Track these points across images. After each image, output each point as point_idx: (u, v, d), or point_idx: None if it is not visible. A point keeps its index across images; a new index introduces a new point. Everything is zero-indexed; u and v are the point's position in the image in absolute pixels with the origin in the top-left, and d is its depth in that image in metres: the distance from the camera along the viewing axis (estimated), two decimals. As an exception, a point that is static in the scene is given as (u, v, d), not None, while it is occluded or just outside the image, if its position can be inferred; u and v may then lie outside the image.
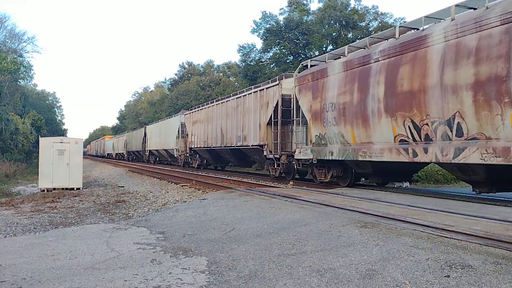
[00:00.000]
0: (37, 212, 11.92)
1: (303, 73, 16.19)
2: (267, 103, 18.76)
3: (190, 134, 31.15)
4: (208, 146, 26.87)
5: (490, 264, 4.65)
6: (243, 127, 21.33)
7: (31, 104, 60.36)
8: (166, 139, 37.14)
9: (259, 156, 20.42)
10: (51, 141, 19.71)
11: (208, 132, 26.91)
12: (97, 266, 5.45)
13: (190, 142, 30.84)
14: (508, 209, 8.82)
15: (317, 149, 14.70)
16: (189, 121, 31.70)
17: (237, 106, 22.47)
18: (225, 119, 24.17)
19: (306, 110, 15.38)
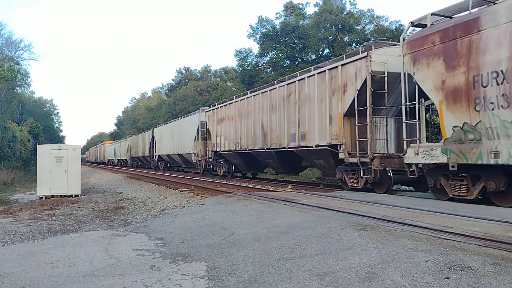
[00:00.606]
0: (36, 220, 11.87)
1: (422, 32, 11.34)
2: (343, 86, 13.87)
3: (214, 135, 25.94)
4: (241, 148, 22.00)
5: (489, 265, 4.65)
6: (300, 122, 16.47)
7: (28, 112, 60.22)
8: (180, 142, 32.73)
9: (325, 160, 15.52)
10: (48, 148, 19.67)
11: (242, 131, 21.90)
12: (96, 273, 5.43)
13: (214, 145, 25.76)
14: (507, 210, 8.83)
15: (459, 148, 10.00)
16: (212, 119, 26.45)
17: (288, 95, 17.44)
18: (268, 113, 19.13)
19: (432, 88, 10.64)
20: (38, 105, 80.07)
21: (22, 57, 55.57)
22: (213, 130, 26.24)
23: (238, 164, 24.23)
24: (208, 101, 50.44)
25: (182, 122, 33.74)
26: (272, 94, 18.99)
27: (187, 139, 30.95)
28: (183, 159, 33.00)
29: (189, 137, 30.46)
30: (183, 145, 31.87)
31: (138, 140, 50.26)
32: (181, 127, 33.24)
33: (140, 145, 48.93)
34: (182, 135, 32.42)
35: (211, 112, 26.90)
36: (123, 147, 60.63)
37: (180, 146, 32.77)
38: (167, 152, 36.68)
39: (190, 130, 30.60)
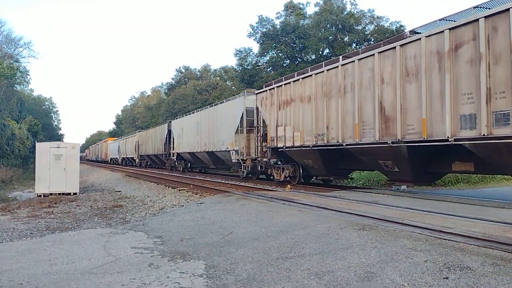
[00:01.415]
0: (34, 218, 11.85)
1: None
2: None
3: (272, 125, 18.28)
4: (327, 143, 14.63)
5: (488, 265, 4.65)
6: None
7: (27, 109, 60.20)
8: (212, 136, 25.99)
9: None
10: (47, 146, 19.64)
11: (330, 116, 14.54)
12: (94, 271, 5.41)
13: (273, 139, 18.04)
14: (505, 210, 8.83)
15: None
16: (269, 103, 18.70)
17: (455, 47, 10.00)
18: (397, 84, 11.61)
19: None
20: (37, 103, 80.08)
21: (22, 54, 55.64)
22: (270, 118, 18.51)
23: (312, 166, 16.40)
24: (207, 101, 50.45)
25: (215, 110, 26.31)
26: (407, 52, 11.38)
27: (223, 133, 24.12)
28: (213, 158, 26.51)
29: (226, 130, 23.60)
30: (217, 141, 25.07)
31: (150, 136, 43.18)
32: (214, 118, 26.19)
33: (152, 142, 41.92)
34: (214, 128, 25.74)
35: (267, 93, 19.04)
36: (129, 144, 53.96)
37: (211, 142, 26.03)
38: (191, 149, 29.74)
39: (228, 120, 23.47)
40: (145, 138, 45.26)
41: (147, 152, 44.13)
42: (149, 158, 44.52)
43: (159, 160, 40.81)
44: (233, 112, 23.10)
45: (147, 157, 45.05)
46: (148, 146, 43.66)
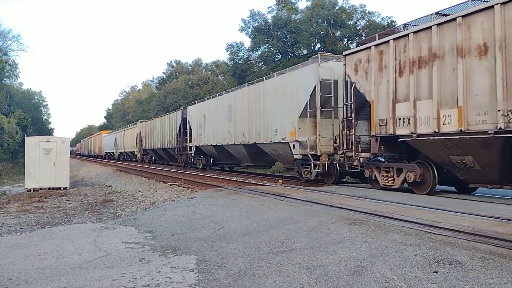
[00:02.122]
0: (23, 212, 11.76)
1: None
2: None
3: (384, 101, 12.08)
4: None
5: (477, 259, 4.70)
6: None
7: (16, 103, 59.58)
8: (256, 124, 19.10)
9: None
10: (37, 141, 19.46)
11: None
12: (84, 266, 5.39)
13: (384, 124, 12.05)
14: (494, 205, 8.93)
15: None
16: (374, 67, 12.48)
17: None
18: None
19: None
20: (26, 96, 79.24)
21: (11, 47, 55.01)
22: (378, 91, 12.33)
23: (470, 168, 10.13)
24: (199, 95, 50.26)
25: (262, 88, 19.00)
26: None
27: (275, 118, 17.32)
28: (253, 152, 20.37)
29: (282, 114, 16.89)
30: (264, 129, 18.30)
31: (156, 126, 36.78)
32: (258, 98, 19.03)
33: (159, 133, 35.44)
34: (259, 112, 18.80)
35: (370, 52, 12.63)
36: (128, 137, 47.36)
37: (253, 131, 19.21)
38: (218, 142, 23.21)
39: (287, 99, 16.67)
40: (150, 130, 38.99)
41: (152, 146, 38.12)
42: (155, 152, 38.73)
43: (168, 155, 35.23)
44: (297, 88, 16.01)
45: (152, 152, 39.46)
46: (153, 138, 37.44)
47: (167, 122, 33.74)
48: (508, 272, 4.31)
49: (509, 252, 4.91)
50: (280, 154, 17.80)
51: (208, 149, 25.66)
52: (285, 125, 16.64)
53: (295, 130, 15.84)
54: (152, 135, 38.15)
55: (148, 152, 40.71)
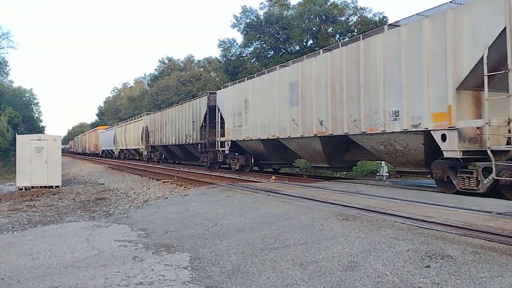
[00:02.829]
0: (15, 211, 11.69)
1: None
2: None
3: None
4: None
5: (469, 254, 4.74)
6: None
7: (7, 101, 59.08)
8: (349, 107, 13.05)
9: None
10: (28, 139, 19.33)
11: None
12: (77, 264, 5.36)
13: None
14: (485, 200, 9.00)
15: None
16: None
17: None
18: None
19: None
20: (17, 94, 78.57)
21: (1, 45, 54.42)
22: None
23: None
24: (191, 92, 50.14)
25: (367, 47, 12.42)
26: None
27: (406, 93, 10.97)
28: (332, 148, 15.07)
29: (416, 87, 10.70)
30: (371, 110, 12.20)
31: (170, 118, 30.82)
32: (353, 67, 12.95)
33: (174, 126, 29.62)
34: (355, 87, 12.83)
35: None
36: (131, 132, 41.62)
37: (348, 116, 13.09)
38: (269, 135, 17.59)
39: (430, 60, 10.30)
40: (160, 122, 33.01)
41: (163, 142, 32.04)
42: (166, 149, 32.80)
43: (185, 153, 29.67)
44: (460, 35, 9.58)
45: (163, 149, 33.44)
46: (165, 133, 31.50)
47: (185, 112, 27.51)
48: (499, 266, 4.35)
49: (500, 246, 4.95)
50: (396, 151, 11.83)
51: (251, 145, 19.61)
52: (420, 103, 10.53)
53: (449, 110, 9.80)
54: (163, 129, 32.12)
55: (157, 149, 34.89)
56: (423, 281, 4.14)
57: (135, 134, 40.41)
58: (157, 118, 34.71)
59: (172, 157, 34.01)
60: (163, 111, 34.04)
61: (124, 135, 44.83)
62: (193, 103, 26.50)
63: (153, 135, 35.26)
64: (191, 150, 27.80)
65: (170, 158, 34.44)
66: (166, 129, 31.59)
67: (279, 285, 4.32)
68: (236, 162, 20.99)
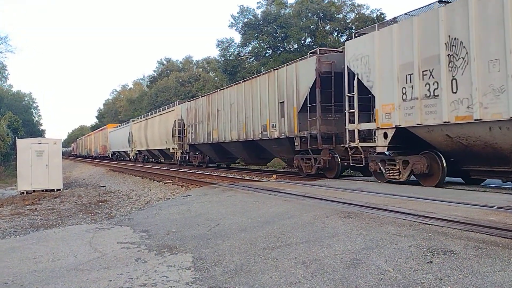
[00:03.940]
0: (17, 215, 11.70)
1: None
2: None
3: None
4: None
5: (471, 248, 4.75)
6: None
7: (6, 106, 59.17)
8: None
9: None
10: (29, 143, 19.34)
11: None
12: (80, 267, 5.37)
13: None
14: (486, 194, 9.01)
15: None
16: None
17: None
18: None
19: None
20: (16, 98, 78.67)
21: (-1, 49, 54.41)
22: None
23: None
24: (190, 92, 50.14)
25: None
26: None
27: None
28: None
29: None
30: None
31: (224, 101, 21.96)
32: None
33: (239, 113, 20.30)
34: None
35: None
36: (157, 128, 32.45)
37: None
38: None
39: None
40: (207, 111, 23.76)
41: (213, 139, 22.85)
42: (216, 149, 23.57)
43: (262, 153, 20.05)
44: None
45: (209, 148, 24.23)
46: (216, 125, 22.59)
47: (266, 87, 17.78)
48: (501, 260, 4.36)
49: (502, 241, 4.96)
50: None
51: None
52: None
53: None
54: (216, 119, 22.54)
55: (200, 149, 25.79)
56: (425, 277, 4.15)
57: (161, 131, 31.32)
58: (200, 105, 25.09)
59: (223, 159, 24.67)
60: (212, 95, 23.82)
61: (144, 132, 35.87)
62: (285, 71, 16.47)
63: (193, 129, 25.87)
64: (279, 148, 17.70)
65: (220, 160, 24.94)
66: (218, 120, 22.37)
67: (282, 284, 4.33)
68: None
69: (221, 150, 23.69)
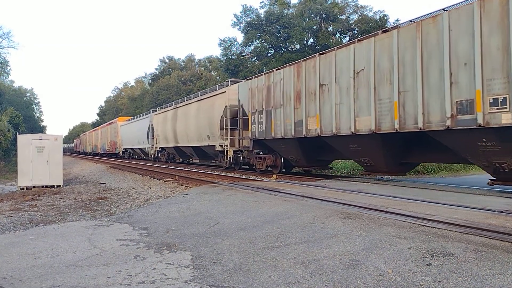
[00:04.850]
0: (17, 211, 11.70)
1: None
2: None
3: None
4: None
5: (470, 251, 4.74)
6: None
7: (8, 101, 59.22)
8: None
9: None
10: (29, 138, 19.33)
11: None
12: (79, 264, 5.37)
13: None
14: (487, 197, 9.00)
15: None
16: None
17: None
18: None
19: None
20: (18, 94, 78.77)
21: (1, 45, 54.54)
22: None
23: None
24: (192, 91, 50.12)
25: None
26: None
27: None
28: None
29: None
30: None
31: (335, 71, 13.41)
32: None
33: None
34: None
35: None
36: (190, 120, 25.41)
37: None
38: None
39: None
40: (289, 88, 15.73)
41: (308, 131, 14.69)
42: (312, 146, 15.77)
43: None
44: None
45: (295, 145, 16.18)
46: (315, 110, 14.32)
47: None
48: (500, 264, 4.35)
49: (502, 244, 4.95)
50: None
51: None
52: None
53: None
54: (317, 100, 14.27)
55: (275, 147, 17.73)
56: (424, 279, 4.14)
57: (201, 122, 23.66)
58: (278, 81, 16.50)
59: (309, 162, 16.69)
60: (306, 62, 15.00)
61: (172, 124, 28.70)
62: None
63: (263, 118, 17.58)
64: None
65: (308, 163, 16.79)
66: (322, 99, 14.04)
67: (281, 284, 4.33)
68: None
69: (317, 148, 15.72)
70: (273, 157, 18.09)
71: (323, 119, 14.04)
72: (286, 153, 17.43)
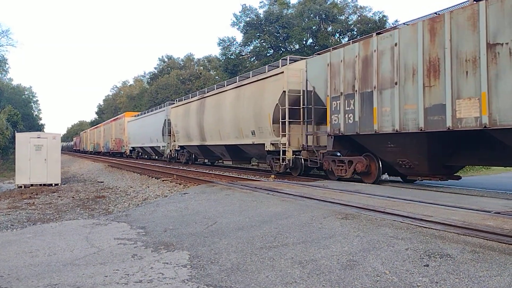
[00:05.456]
0: (14, 209, 11.68)
1: None
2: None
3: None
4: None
5: (468, 253, 4.74)
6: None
7: (6, 99, 59.10)
8: None
9: None
10: (28, 137, 19.33)
11: None
12: (76, 262, 5.37)
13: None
14: (484, 199, 9.02)
15: None
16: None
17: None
18: None
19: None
20: (16, 92, 78.58)
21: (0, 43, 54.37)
22: None
23: None
24: (191, 90, 50.08)
25: None
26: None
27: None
28: None
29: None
30: None
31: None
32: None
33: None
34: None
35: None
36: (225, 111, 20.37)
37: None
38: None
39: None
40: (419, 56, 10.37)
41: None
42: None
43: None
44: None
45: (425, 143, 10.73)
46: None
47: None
48: (497, 265, 4.36)
49: (499, 246, 4.96)
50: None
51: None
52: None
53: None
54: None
55: (368, 145, 12.70)
56: (422, 280, 4.15)
57: (243, 113, 18.79)
58: (376, 47, 11.66)
59: (434, 168, 11.60)
60: (457, 10, 9.65)
61: (197, 118, 24.05)
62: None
63: (343, 106, 13.00)
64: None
65: (430, 170, 11.64)
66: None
67: (278, 283, 4.33)
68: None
69: (449, 148, 11.14)
70: (366, 161, 12.90)
71: (496, 101, 8.84)
72: (392, 155, 12.08)
